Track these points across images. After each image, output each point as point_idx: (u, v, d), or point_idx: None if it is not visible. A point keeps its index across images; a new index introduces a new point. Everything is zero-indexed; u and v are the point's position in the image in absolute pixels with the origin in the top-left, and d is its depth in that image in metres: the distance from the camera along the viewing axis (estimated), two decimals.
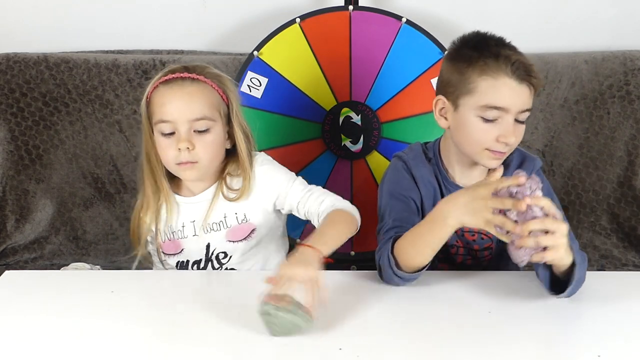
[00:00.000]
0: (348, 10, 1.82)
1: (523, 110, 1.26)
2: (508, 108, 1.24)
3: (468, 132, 1.28)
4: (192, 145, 1.30)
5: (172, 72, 1.32)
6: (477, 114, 1.25)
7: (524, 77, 1.23)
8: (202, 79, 1.32)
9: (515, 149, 1.37)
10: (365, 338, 1.08)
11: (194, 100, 1.30)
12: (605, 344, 1.05)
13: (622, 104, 1.94)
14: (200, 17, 2.05)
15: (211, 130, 1.32)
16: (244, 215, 1.39)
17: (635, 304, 1.19)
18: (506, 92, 1.23)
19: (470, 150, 1.30)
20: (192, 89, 1.31)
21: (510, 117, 1.24)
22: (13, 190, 1.95)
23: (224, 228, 1.39)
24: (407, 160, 1.36)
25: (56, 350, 1.04)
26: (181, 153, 1.29)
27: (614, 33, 2.04)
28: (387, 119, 1.85)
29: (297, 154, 1.84)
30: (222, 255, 1.41)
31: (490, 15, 2.03)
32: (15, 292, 1.24)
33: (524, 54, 1.27)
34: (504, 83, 1.23)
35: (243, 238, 1.40)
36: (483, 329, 1.10)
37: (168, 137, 1.31)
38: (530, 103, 1.26)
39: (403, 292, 1.22)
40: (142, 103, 1.35)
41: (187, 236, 1.40)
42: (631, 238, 1.96)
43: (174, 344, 1.06)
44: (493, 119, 1.25)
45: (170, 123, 1.30)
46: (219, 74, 1.37)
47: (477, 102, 1.25)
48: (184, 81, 1.31)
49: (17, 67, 1.93)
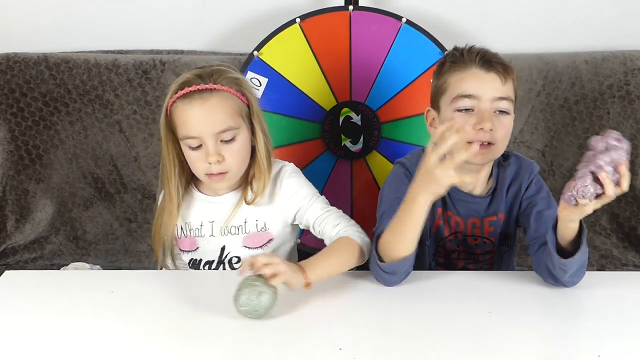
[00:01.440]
0: (348, 10, 1.82)
1: (498, 97, 1.28)
2: (478, 95, 1.28)
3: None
4: (222, 157, 1.29)
5: (188, 84, 1.29)
6: (453, 108, 1.30)
7: (490, 64, 1.28)
8: (219, 88, 1.30)
9: (512, 154, 1.37)
10: (365, 338, 1.08)
11: (216, 113, 1.29)
12: (605, 344, 1.05)
13: (622, 104, 1.94)
14: (200, 17, 2.05)
15: (237, 137, 1.31)
16: (263, 224, 1.39)
17: (635, 304, 1.19)
18: (473, 81, 1.28)
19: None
20: (213, 101, 1.29)
21: (485, 104, 1.27)
22: (13, 190, 1.95)
23: (242, 233, 1.39)
24: (409, 166, 1.38)
25: (56, 350, 1.04)
26: (212, 166, 1.29)
27: (614, 33, 2.04)
28: (387, 119, 1.85)
29: (297, 154, 1.84)
30: (235, 259, 1.40)
31: (490, 15, 2.03)
32: (15, 292, 1.24)
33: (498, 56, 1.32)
34: (470, 73, 1.29)
35: (259, 246, 1.39)
36: (483, 329, 1.10)
37: (196, 150, 1.30)
38: (505, 92, 1.29)
39: (403, 292, 1.22)
40: (162, 116, 1.33)
41: (204, 235, 1.40)
42: (631, 238, 1.96)
43: (174, 344, 1.06)
44: (468, 109, 1.28)
45: (196, 138, 1.29)
46: (236, 76, 1.35)
47: (450, 97, 1.30)
48: (202, 94, 1.28)
49: (17, 67, 1.93)
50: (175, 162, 1.35)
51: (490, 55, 1.31)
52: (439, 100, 1.33)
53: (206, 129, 1.28)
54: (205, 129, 1.28)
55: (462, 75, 1.29)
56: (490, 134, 1.27)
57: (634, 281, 1.31)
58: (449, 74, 1.31)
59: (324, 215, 1.35)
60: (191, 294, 1.23)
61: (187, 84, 1.30)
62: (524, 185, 1.37)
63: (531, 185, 1.37)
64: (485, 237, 1.38)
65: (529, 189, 1.37)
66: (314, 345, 1.06)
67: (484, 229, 1.38)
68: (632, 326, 1.11)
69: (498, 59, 1.31)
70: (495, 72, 1.28)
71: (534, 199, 1.36)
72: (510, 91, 1.30)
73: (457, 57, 1.32)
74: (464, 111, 1.28)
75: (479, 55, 1.29)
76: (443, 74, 1.33)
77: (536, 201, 1.35)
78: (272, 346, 1.05)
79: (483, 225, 1.37)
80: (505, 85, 1.29)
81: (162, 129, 1.34)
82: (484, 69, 1.28)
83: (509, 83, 1.30)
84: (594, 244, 1.95)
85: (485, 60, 1.29)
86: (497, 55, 1.32)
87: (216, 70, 1.32)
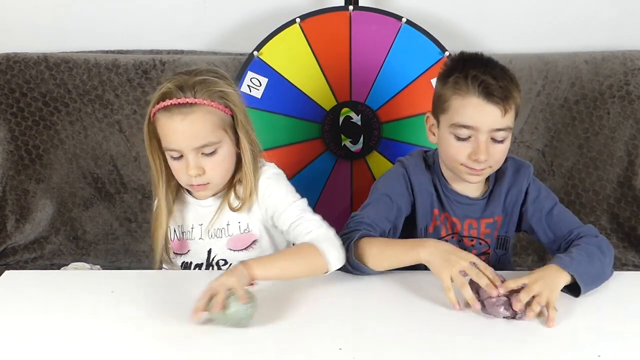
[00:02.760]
0: (348, 10, 1.82)
1: (496, 129, 1.26)
2: (477, 127, 1.26)
3: (445, 148, 1.32)
4: (202, 169, 1.28)
5: (169, 96, 1.26)
6: (450, 131, 1.29)
7: (491, 97, 1.25)
8: (200, 102, 1.26)
9: (508, 157, 1.38)
10: (365, 338, 1.08)
11: (196, 128, 1.26)
12: (605, 344, 1.05)
13: (622, 104, 1.94)
14: (200, 17, 2.05)
15: (219, 150, 1.29)
16: (246, 225, 1.38)
17: (635, 304, 1.19)
18: (473, 112, 1.26)
19: (449, 165, 1.34)
20: (193, 117, 1.25)
21: (482, 135, 1.26)
22: (13, 190, 1.95)
23: (225, 236, 1.39)
24: (408, 166, 1.38)
25: (56, 350, 1.04)
26: (192, 177, 1.29)
27: (614, 33, 2.04)
28: (387, 119, 1.85)
29: (297, 154, 1.84)
30: (222, 262, 1.40)
31: (490, 15, 2.03)
32: (15, 292, 1.24)
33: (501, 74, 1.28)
34: (470, 102, 1.26)
35: (244, 248, 1.39)
36: (482, 329, 1.10)
37: (178, 160, 1.29)
38: (504, 123, 1.27)
39: (402, 292, 1.22)
40: (145, 123, 1.32)
41: (194, 238, 1.40)
42: (631, 238, 1.96)
43: (174, 343, 1.06)
44: (465, 137, 1.28)
45: (177, 151, 1.28)
46: (220, 89, 1.30)
47: (449, 121, 1.29)
48: (182, 108, 1.25)
49: (17, 67, 1.93)
50: (161, 169, 1.34)
51: (494, 86, 1.25)
52: (439, 115, 1.33)
53: (186, 143, 1.26)
54: (185, 144, 1.26)
55: (463, 103, 1.27)
56: (486, 162, 1.28)
57: (634, 281, 1.31)
58: (451, 94, 1.28)
59: (297, 222, 1.30)
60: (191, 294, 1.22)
61: (168, 96, 1.26)
62: (523, 189, 1.37)
63: (531, 189, 1.38)
64: (481, 239, 1.39)
65: (530, 193, 1.37)
66: (313, 345, 1.06)
67: (480, 230, 1.38)
68: (632, 326, 1.11)
69: (501, 87, 1.26)
70: (495, 104, 1.25)
71: (539, 203, 1.37)
72: (510, 120, 1.28)
73: (460, 81, 1.27)
74: (461, 139, 1.28)
75: (482, 84, 1.25)
76: (446, 89, 1.29)
77: (541, 204, 1.36)
78: (272, 346, 1.05)
79: (479, 226, 1.38)
80: (505, 116, 1.26)
81: (145, 137, 1.32)
82: (485, 99, 1.25)
83: (509, 113, 1.27)
84: None
85: (488, 91, 1.25)
86: (502, 78, 1.27)
87: (199, 81, 1.28)
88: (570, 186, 1.97)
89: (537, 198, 1.37)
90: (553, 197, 1.38)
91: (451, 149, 1.30)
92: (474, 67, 1.28)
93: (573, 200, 1.96)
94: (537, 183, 1.40)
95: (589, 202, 1.95)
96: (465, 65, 1.29)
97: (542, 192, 1.38)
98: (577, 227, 1.33)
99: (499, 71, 1.28)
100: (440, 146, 1.34)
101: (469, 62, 1.30)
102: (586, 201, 1.95)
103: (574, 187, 1.97)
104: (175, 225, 1.41)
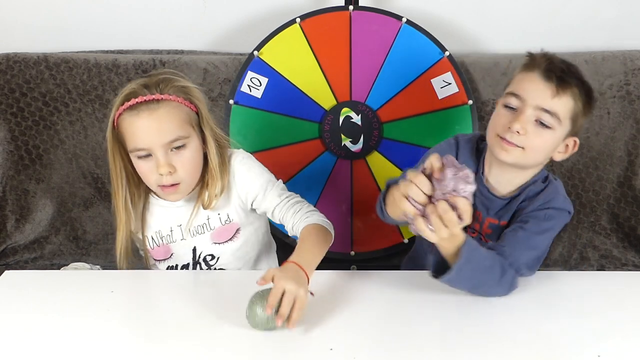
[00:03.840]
0: (348, 10, 1.82)
1: (542, 108, 1.25)
2: (524, 98, 1.27)
3: (492, 118, 1.32)
4: (173, 167, 1.28)
5: (135, 95, 1.27)
6: (502, 101, 1.30)
7: (548, 74, 1.25)
8: (166, 98, 1.27)
9: (555, 182, 1.35)
10: (357, 339, 1.08)
11: (165, 123, 1.26)
12: (605, 344, 1.05)
13: (622, 104, 1.94)
14: (200, 17, 2.05)
15: (187, 145, 1.29)
16: (226, 216, 1.38)
17: (635, 304, 1.19)
18: (528, 84, 1.27)
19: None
20: (161, 112, 1.26)
21: (528, 109, 1.26)
22: (13, 190, 1.95)
23: (208, 230, 1.39)
24: (460, 141, 1.40)
25: (56, 350, 1.04)
26: (163, 177, 1.28)
27: (614, 33, 2.04)
28: (388, 119, 1.85)
29: (297, 154, 1.84)
30: (209, 257, 1.41)
31: (490, 15, 2.03)
32: (15, 292, 1.25)
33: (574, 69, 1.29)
34: (530, 75, 1.28)
35: (229, 239, 1.40)
36: (482, 329, 1.10)
37: (146, 159, 1.28)
38: (553, 105, 1.25)
39: (401, 292, 1.22)
40: (109, 128, 1.31)
41: (176, 240, 1.40)
42: (631, 238, 1.96)
43: (174, 343, 1.06)
44: (513, 107, 1.28)
45: (145, 149, 1.27)
46: (183, 85, 1.32)
47: (506, 91, 1.31)
48: (149, 104, 1.26)
49: (17, 67, 1.93)
50: (123, 174, 1.33)
51: (557, 65, 1.27)
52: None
53: (155, 140, 1.26)
54: (154, 140, 1.26)
55: (524, 76, 1.29)
56: (519, 138, 1.25)
57: (634, 281, 1.31)
58: (519, 71, 1.31)
59: (283, 202, 1.36)
60: (190, 293, 1.23)
61: (134, 95, 1.27)
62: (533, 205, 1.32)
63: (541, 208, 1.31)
64: (481, 235, 1.38)
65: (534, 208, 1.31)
66: (304, 345, 1.06)
67: (482, 228, 1.37)
68: (632, 326, 1.11)
69: (563, 70, 1.26)
70: (550, 82, 1.25)
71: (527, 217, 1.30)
72: (562, 107, 1.25)
73: (532, 58, 1.31)
74: (509, 109, 1.28)
75: (548, 62, 1.27)
76: (518, 70, 1.32)
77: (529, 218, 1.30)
78: (265, 346, 1.05)
79: (483, 223, 1.37)
80: (555, 98, 1.25)
81: (109, 142, 1.31)
82: (543, 76, 1.26)
83: (562, 98, 1.25)
84: (594, 244, 1.95)
85: (548, 68, 1.26)
86: (570, 70, 1.28)
87: (163, 79, 1.29)
88: (570, 186, 1.97)
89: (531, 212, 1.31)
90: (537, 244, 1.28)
91: (496, 117, 1.30)
92: (547, 54, 1.30)
93: (573, 200, 1.96)
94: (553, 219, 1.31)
95: (589, 202, 1.95)
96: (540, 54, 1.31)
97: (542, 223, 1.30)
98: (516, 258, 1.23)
99: (573, 67, 1.30)
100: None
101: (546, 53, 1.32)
102: (586, 201, 1.95)
103: (574, 187, 1.97)
104: (152, 232, 1.41)
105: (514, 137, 1.26)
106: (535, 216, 1.30)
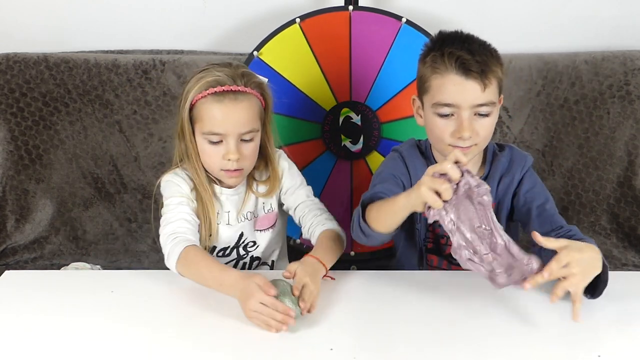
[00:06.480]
0: (348, 10, 1.82)
1: (477, 104, 1.26)
2: (458, 104, 1.26)
3: (430, 128, 1.33)
4: (242, 155, 1.35)
5: (222, 83, 1.33)
6: (433, 111, 1.30)
7: (469, 72, 1.25)
8: (249, 91, 1.35)
9: (508, 146, 1.39)
10: (357, 339, 1.08)
11: (245, 115, 1.34)
12: (605, 344, 1.05)
13: (622, 104, 1.94)
14: (200, 17, 2.05)
15: (255, 138, 1.37)
16: (270, 205, 1.47)
17: (635, 304, 1.19)
18: (452, 89, 1.26)
19: (437, 147, 1.35)
20: (244, 104, 1.34)
21: (464, 112, 1.26)
22: (13, 190, 1.95)
23: (253, 218, 1.46)
24: (402, 151, 1.41)
25: (56, 350, 1.04)
26: (229, 162, 1.34)
27: (614, 33, 2.04)
28: (387, 119, 1.85)
29: (297, 154, 1.83)
30: (251, 244, 1.47)
31: (490, 15, 2.03)
32: (15, 292, 1.25)
33: (480, 48, 1.27)
34: (449, 80, 1.26)
35: (269, 227, 1.48)
36: (481, 329, 1.10)
37: (216, 145, 1.34)
38: (486, 97, 1.26)
39: (400, 292, 1.22)
40: (185, 107, 1.35)
41: (220, 223, 1.44)
42: (631, 238, 1.96)
43: (174, 343, 1.07)
44: (448, 115, 1.28)
45: (219, 135, 1.34)
46: (260, 80, 1.40)
47: (431, 100, 1.30)
48: (236, 94, 1.33)
49: (17, 67, 1.93)
50: (198, 153, 1.38)
51: (469, 59, 1.25)
52: (422, 96, 1.34)
53: (232, 128, 1.33)
54: (231, 129, 1.33)
55: (442, 81, 1.27)
56: (471, 139, 1.27)
57: (634, 281, 1.31)
58: (431, 74, 1.29)
59: (308, 202, 1.46)
60: (190, 293, 1.23)
61: (220, 83, 1.33)
62: (516, 178, 1.37)
63: (525, 179, 1.37)
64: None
65: (524, 184, 1.37)
66: (304, 345, 1.06)
67: None
68: (632, 326, 1.11)
69: (478, 61, 1.25)
70: (474, 79, 1.25)
71: (532, 194, 1.36)
72: (492, 94, 1.27)
73: (437, 60, 1.28)
74: (444, 116, 1.28)
75: (458, 60, 1.25)
76: (425, 69, 1.31)
77: (534, 195, 1.35)
78: (266, 344, 1.05)
79: None
80: (485, 90, 1.26)
81: (184, 122, 1.36)
82: (463, 75, 1.25)
83: (490, 87, 1.26)
84: None
85: (465, 67, 1.24)
86: (479, 52, 1.26)
87: (245, 73, 1.37)
88: (570, 186, 1.97)
89: (530, 189, 1.36)
90: (547, 194, 1.37)
91: (436, 129, 1.30)
92: (451, 44, 1.28)
93: (573, 200, 1.97)
94: (534, 177, 1.39)
95: (589, 202, 1.95)
96: (442, 43, 1.29)
97: (537, 186, 1.37)
98: (566, 225, 1.31)
99: (477, 46, 1.28)
100: (427, 128, 1.35)
101: (446, 40, 1.30)
102: (586, 201, 1.95)
103: (574, 187, 1.97)
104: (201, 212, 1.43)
105: (467, 142, 1.27)
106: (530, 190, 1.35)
